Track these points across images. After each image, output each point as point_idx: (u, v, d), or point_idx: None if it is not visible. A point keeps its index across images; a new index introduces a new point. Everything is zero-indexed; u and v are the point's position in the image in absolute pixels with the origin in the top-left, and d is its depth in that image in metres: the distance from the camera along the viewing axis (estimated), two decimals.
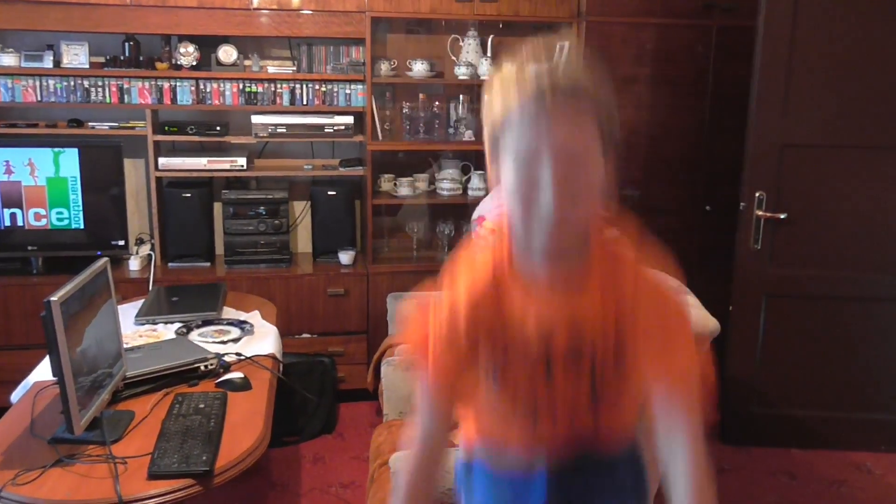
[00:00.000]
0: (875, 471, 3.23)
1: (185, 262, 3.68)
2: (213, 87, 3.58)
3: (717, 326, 2.03)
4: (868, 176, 3.19)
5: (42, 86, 3.48)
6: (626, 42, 3.55)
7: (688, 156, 3.69)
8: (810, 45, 3.08)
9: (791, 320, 3.30)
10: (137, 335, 2.70)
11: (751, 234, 3.21)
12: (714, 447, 3.39)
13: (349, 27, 3.52)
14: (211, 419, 2.07)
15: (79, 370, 1.89)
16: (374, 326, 3.65)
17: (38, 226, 3.49)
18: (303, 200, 3.96)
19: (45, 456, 1.89)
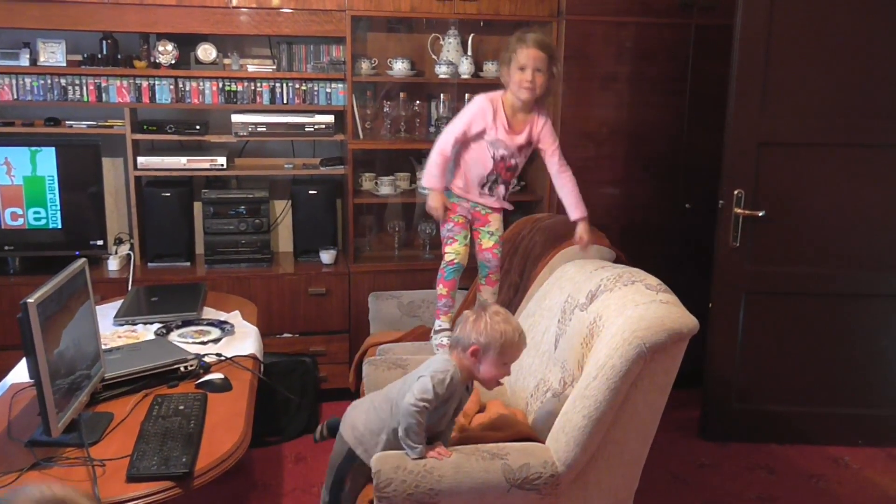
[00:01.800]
0: (853, 465, 3.26)
1: (165, 262, 3.65)
2: (193, 85, 3.56)
3: (697, 324, 2.05)
4: (845, 173, 3.22)
5: (18, 84, 3.45)
6: (605, 40, 3.57)
7: (667, 153, 3.71)
8: (787, 43, 3.11)
9: (770, 317, 3.33)
10: (116, 336, 2.68)
11: (730, 231, 3.23)
12: (694, 443, 3.42)
13: (329, 25, 3.51)
14: (191, 420, 2.05)
15: (56, 372, 1.87)
16: (356, 326, 3.64)
17: (14, 225, 3.45)
18: (283, 200, 3.94)
19: (22, 458, 1.87)
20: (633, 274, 2.29)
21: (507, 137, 2.76)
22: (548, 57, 2.70)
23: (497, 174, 2.81)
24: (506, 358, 2.04)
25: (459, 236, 2.87)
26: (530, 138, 2.79)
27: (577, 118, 3.62)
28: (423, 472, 1.95)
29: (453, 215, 2.86)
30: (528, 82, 2.68)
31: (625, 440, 2.08)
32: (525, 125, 2.77)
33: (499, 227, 2.90)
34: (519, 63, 2.68)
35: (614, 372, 1.97)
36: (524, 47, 2.68)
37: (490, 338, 2.00)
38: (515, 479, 1.98)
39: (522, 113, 2.77)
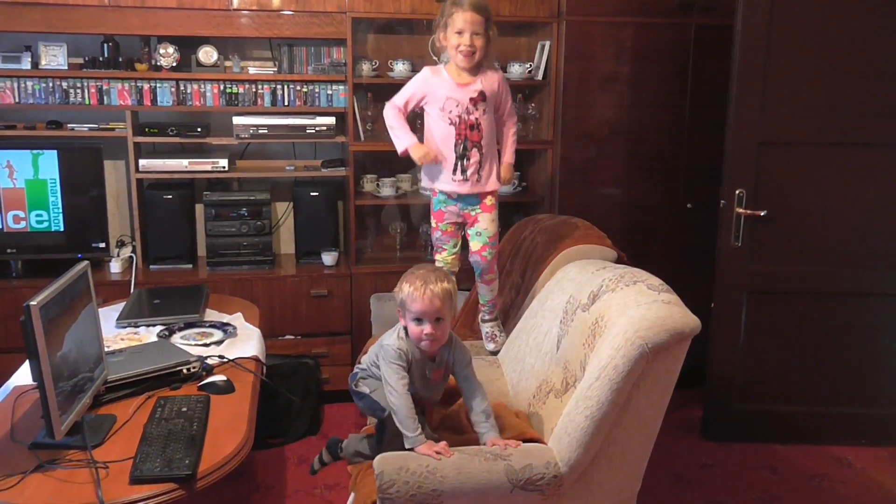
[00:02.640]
0: (856, 465, 3.26)
1: (167, 265, 3.66)
2: (194, 88, 3.56)
3: (699, 324, 2.05)
4: (846, 172, 3.22)
5: (20, 87, 3.45)
6: (605, 41, 3.57)
7: (668, 154, 3.71)
8: (788, 42, 3.11)
9: (772, 317, 3.33)
10: (119, 338, 2.68)
11: (731, 231, 3.23)
12: (696, 443, 3.41)
13: (330, 28, 3.51)
14: (194, 422, 2.06)
15: (59, 375, 1.87)
16: (358, 327, 3.64)
17: (17, 228, 3.45)
18: (285, 201, 3.95)
19: (26, 461, 1.87)
20: (635, 274, 2.29)
21: (456, 91, 2.69)
22: (485, 19, 2.65)
23: (465, 139, 2.72)
24: (410, 314, 2.10)
25: (448, 245, 2.86)
26: (483, 88, 2.71)
27: (577, 119, 3.62)
28: (426, 473, 1.95)
29: (441, 223, 2.84)
30: (467, 46, 2.63)
31: (627, 440, 2.08)
32: (475, 80, 2.71)
33: (487, 228, 2.81)
34: (456, 27, 2.63)
35: (616, 372, 1.97)
36: (460, 10, 2.62)
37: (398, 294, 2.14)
38: (518, 480, 1.98)
39: (467, 74, 2.72)
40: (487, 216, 2.81)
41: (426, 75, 2.75)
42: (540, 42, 3.74)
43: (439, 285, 2.09)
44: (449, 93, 2.70)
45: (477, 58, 2.67)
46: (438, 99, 2.71)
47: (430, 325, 2.09)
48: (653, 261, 2.77)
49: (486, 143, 2.74)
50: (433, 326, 2.09)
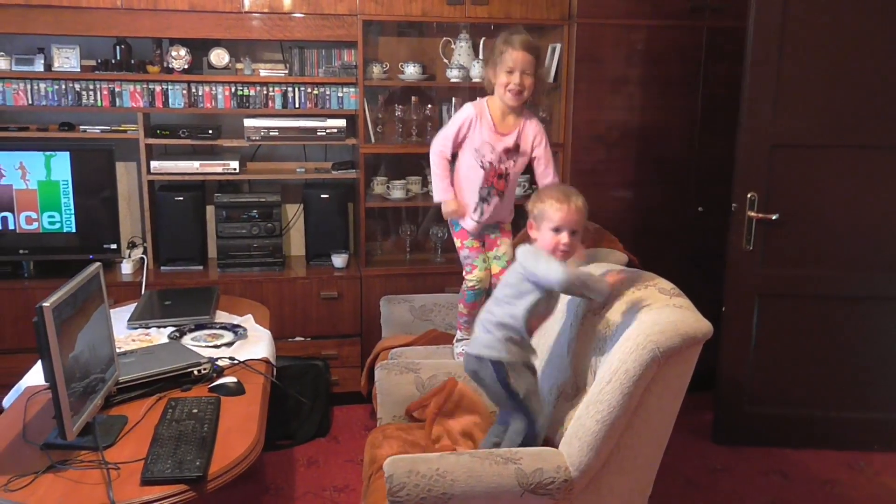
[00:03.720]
0: (868, 470, 3.24)
1: (178, 266, 3.67)
2: (205, 90, 3.58)
3: (710, 329, 2.03)
4: (859, 175, 3.20)
5: (33, 89, 3.47)
6: (616, 43, 3.56)
7: (679, 156, 3.70)
8: (800, 45, 3.09)
9: (784, 320, 3.31)
10: (130, 339, 2.69)
11: (743, 234, 3.22)
12: (707, 447, 3.40)
13: (341, 30, 3.52)
14: (204, 424, 2.06)
15: (71, 375, 1.88)
16: (368, 329, 3.64)
17: (29, 229, 3.47)
18: (295, 203, 3.96)
19: (38, 461, 1.88)
20: (647, 278, 2.28)
21: (494, 138, 2.73)
22: (535, 59, 2.68)
23: (490, 185, 2.79)
24: (550, 223, 2.14)
25: (478, 261, 2.87)
26: (519, 141, 2.76)
27: (588, 121, 3.61)
28: (436, 476, 1.95)
29: (466, 241, 2.86)
30: (517, 86, 2.66)
31: (638, 445, 2.07)
32: (514, 128, 2.75)
33: (507, 252, 2.88)
34: (506, 66, 2.65)
35: (628, 376, 1.96)
36: (511, 49, 2.64)
37: (535, 206, 2.18)
38: (528, 484, 1.97)
39: (511, 116, 2.75)
40: (507, 241, 2.91)
41: (470, 114, 2.76)
42: (551, 45, 3.74)
43: (580, 200, 2.18)
44: (487, 137, 2.74)
45: (525, 97, 2.70)
46: (475, 140, 2.75)
47: (567, 235, 2.14)
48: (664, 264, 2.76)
49: (508, 191, 2.85)
50: (570, 237, 2.15)
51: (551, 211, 2.16)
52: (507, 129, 2.75)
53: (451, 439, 2.40)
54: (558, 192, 2.20)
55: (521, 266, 2.17)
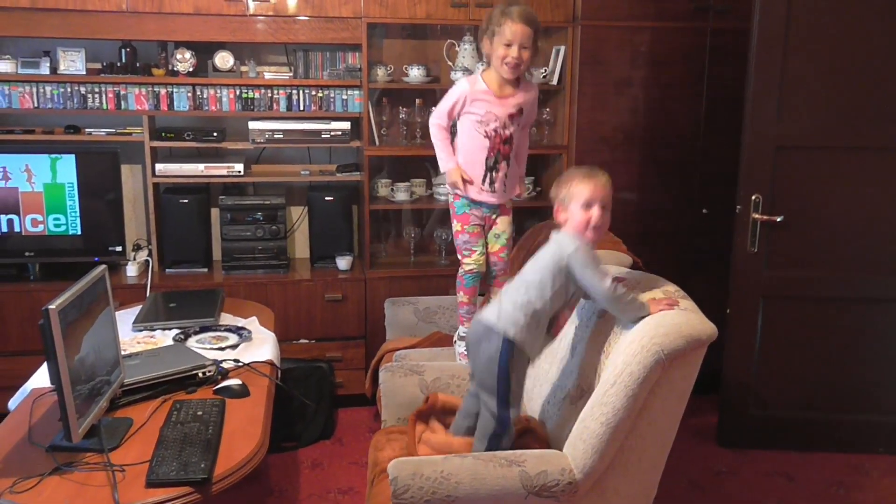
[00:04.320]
0: (873, 473, 3.23)
1: (183, 269, 3.68)
2: (210, 93, 3.59)
3: (715, 331, 2.03)
4: (863, 177, 3.20)
5: (39, 92, 3.48)
6: (620, 45, 3.56)
7: (684, 158, 3.70)
8: (805, 46, 3.09)
9: (788, 323, 3.31)
10: (135, 342, 2.70)
11: (747, 237, 3.21)
12: (712, 450, 3.39)
13: (345, 33, 3.52)
14: (209, 426, 2.06)
15: (77, 378, 1.89)
16: (372, 332, 3.65)
17: (35, 232, 3.48)
18: (300, 206, 3.96)
19: (43, 463, 1.89)
20: (651, 280, 2.28)
21: (496, 106, 2.69)
22: (533, 32, 2.62)
23: (497, 152, 2.74)
24: (579, 200, 2.13)
25: (477, 246, 2.86)
26: (521, 106, 2.72)
27: (592, 123, 3.62)
28: (440, 479, 1.95)
29: (467, 226, 2.85)
30: (515, 58, 2.61)
31: (643, 447, 2.06)
32: (515, 93, 2.71)
33: (505, 230, 2.87)
34: (505, 38, 2.59)
35: (632, 379, 1.96)
36: (510, 21, 2.58)
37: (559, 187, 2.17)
38: (533, 487, 1.97)
39: (509, 85, 2.71)
40: (506, 218, 2.87)
41: (465, 87, 2.72)
42: (555, 46, 3.74)
43: (605, 175, 2.17)
44: (489, 107, 2.70)
45: (522, 69, 2.66)
46: (477, 111, 2.71)
47: (598, 209, 2.12)
48: (668, 266, 2.77)
49: (514, 154, 2.79)
50: (601, 212, 2.12)
51: (579, 188, 2.13)
52: (509, 94, 2.71)
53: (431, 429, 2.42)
54: (582, 171, 2.18)
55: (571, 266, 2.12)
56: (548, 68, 3.76)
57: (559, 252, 2.14)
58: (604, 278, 2.08)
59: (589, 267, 2.09)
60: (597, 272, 2.09)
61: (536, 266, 2.20)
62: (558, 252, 2.15)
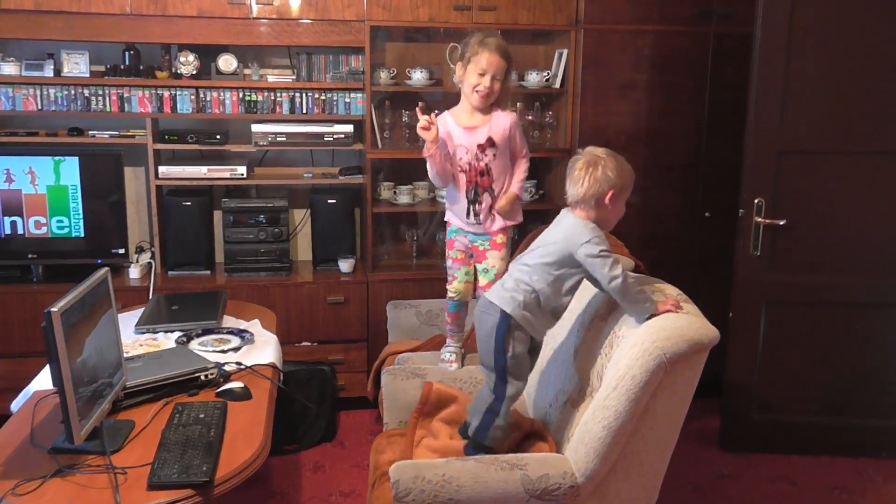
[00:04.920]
0: (876, 478, 3.22)
1: (185, 271, 3.68)
2: (213, 95, 3.59)
3: (717, 335, 2.03)
4: (866, 181, 3.19)
5: (43, 94, 3.49)
6: (623, 49, 3.57)
7: (686, 162, 3.69)
8: (808, 50, 3.09)
9: (791, 327, 3.30)
10: (137, 344, 2.70)
11: (750, 240, 3.21)
12: (714, 454, 3.39)
13: (348, 36, 3.53)
14: (211, 429, 2.06)
15: (79, 380, 1.89)
16: (374, 334, 3.65)
17: (38, 234, 3.49)
18: (302, 209, 3.97)
19: (45, 466, 1.89)
20: (653, 284, 2.28)
21: (465, 137, 2.73)
22: (507, 65, 2.68)
23: (475, 185, 2.77)
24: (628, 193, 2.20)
25: (459, 273, 2.88)
26: (491, 135, 2.73)
27: (594, 126, 3.61)
28: (442, 482, 1.95)
29: (450, 251, 2.87)
30: (486, 88, 2.66)
31: (645, 451, 2.06)
32: (483, 122, 2.74)
33: (495, 265, 2.84)
34: (479, 68, 2.66)
35: (634, 382, 1.96)
36: (487, 52, 2.64)
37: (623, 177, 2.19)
38: (534, 490, 1.97)
39: (478, 113, 2.74)
40: (497, 254, 2.85)
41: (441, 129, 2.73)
42: (557, 50, 3.74)
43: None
44: (458, 140, 2.74)
45: (490, 100, 2.71)
46: (450, 146, 2.75)
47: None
48: (670, 270, 2.76)
49: (497, 186, 2.79)
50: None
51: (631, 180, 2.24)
52: (477, 126, 2.74)
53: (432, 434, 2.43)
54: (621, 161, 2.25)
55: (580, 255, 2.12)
56: (550, 71, 3.76)
57: (569, 239, 2.15)
58: (613, 267, 2.09)
59: (599, 256, 2.10)
60: (606, 262, 2.10)
61: (544, 249, 2.21)
62: (569, 239, 2.15)
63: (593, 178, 2.15)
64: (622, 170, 2.20)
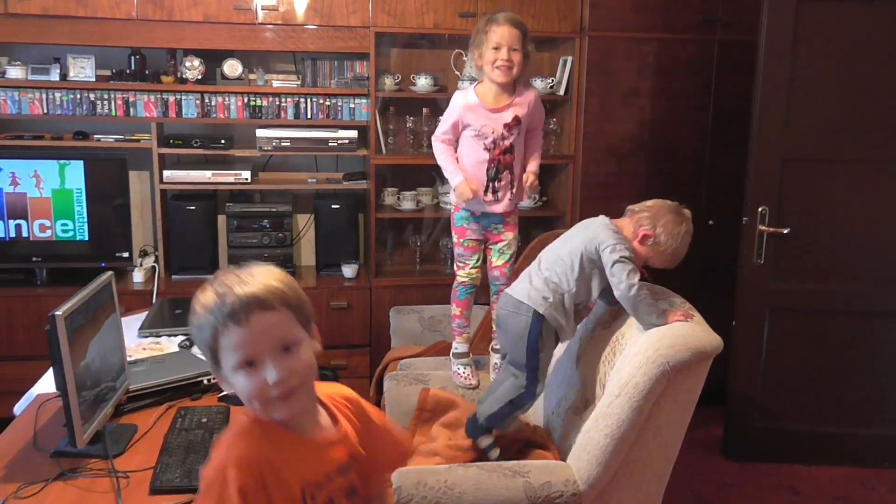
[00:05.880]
0: (879, 487, 3.21)
1: (189, 275, 3.68)
2: (218, 100, 3.60)
3: (720, 343, 2.03)
4: (870, 190, 3.19)
5: (48, 98, 3.51)
6: (628, 56, 3.57)
7: (690, 170, 3.69)
8: (812, 59, 3.09)
9: (794, 335, 3.29)
10: (141, 348, 2.70)
11: (753, 248, 3.21)
12: (717, 462, 3.38)
13: (353, 42, 3.54)
14: (213, 433, 2.06)
15: (82, 384, 1.89)
16: (377, 340, 3.65)
17: (42, 237, 3.50)
18: (306, 214, 3.97)
19: (48, 469, 1.88)
20: (657, 291, 2.27)
21: (490, 118, 2.67)
22: (522, 34, 2.61)
23: (498, 163, 2.72)
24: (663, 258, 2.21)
25: (471, 259, 2.85)
26: (517, 115, 2.69)
27: (598, 134, 3.62)
28: (444, 489, 1.95)
29: (462, 239, 2.84)
30: (505, 61, 2.58)
31: (647, 459, 2.06)
32: (509, 102, 2.68)
33: (510, 244, 2.83)
34: (492, 43, 2.58)
35: (637, 390, 1.96)
36: (496, 26, 2.57)
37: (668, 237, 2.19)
38: (537, 498, 1.97)
39: (504, 94, 2.68)
40: (511, 234, 2.83)
41: (458, 102, 2.71)
42: (562, 57, 3.75)
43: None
44: (484, 120, 2.68)
45: (515, 73, 2.63)
46: (474, 126, 2.70)
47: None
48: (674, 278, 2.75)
49: (517, 163, 2.76)
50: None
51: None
52: (502, 105, 2.68)
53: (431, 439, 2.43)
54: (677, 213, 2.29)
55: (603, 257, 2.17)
56: (555, 79, 3.77)
57: (593, 241, 2.19)
58: (632, 276, 2.11)
59: (620, 261, 2.13)
60: (625, 269, 2.12)
61: (566, 249, 2.24)
62: (593, 241, 2.19)
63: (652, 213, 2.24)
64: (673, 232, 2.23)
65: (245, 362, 1.21)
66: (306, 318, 1.28)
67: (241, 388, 1.23)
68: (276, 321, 1.21)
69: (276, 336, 1.21)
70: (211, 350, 1.24)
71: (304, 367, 1.25)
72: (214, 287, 1.24)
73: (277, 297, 1.22)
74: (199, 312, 1.23)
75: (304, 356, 1.25)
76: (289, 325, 1.23)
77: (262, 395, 1.22)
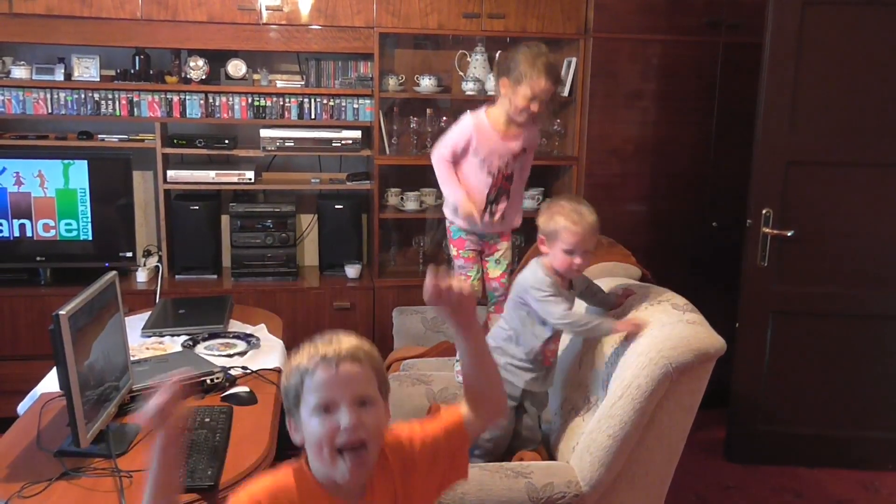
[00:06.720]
0: (883, 490, 3.20)
1: (193, 275, 3.69)
2: (222, 100, 3.61)
3: (724, 345, 2.03)
4: (875, 193, 3.18)
5: (53, 98, 3.51)
6: (632, 58, 3.57)
7: (694, 172, 3.69)
8: (817, 61, 3.08)
9: (798, 338, 3.29)
10: (144, 348, 2.70)
11: (757, 251, 3.20)
12: (720, 465, 3.37)
13: (357, 42, 3.54)
14: (216, 433, 2.07)
15: (86, 383, 1.89)
16: (380, 340, 3.64)
17: (46, 237, 3.51)
18: (310, 214, 3.97)
19: (51, 468, 1.89)
20: (660, 293, 2.27)
21: (501, 146, 2.69)
22: (555, 88, 2.64)
23: (499, 187, 2.75)
24: (564, 245, 2.17)
25: (472, 272, 2.86)
26: (525, 145, 2.73)
27: (602, 135, 3.62)
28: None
29: (462, 251, 2.85)
30: (533, 114, 2.61)
31: (650, 461, 2.06)
32: (519, 132, 2.70)
33: (506, 254, 2.86)
34: (531, 92, 2.56)
35: (640, 392, 1.96)
36: (538, 76, 2.54)
37: (548, 225, 2.19)
38: (539, 499, 1.97)
39: (514, 126, 2.70)
40: (506, 244, 2.87)
41: (469, 126, 2.70)
42: (566, 58, 3.75)
43: (593, 216, 2.21)
44: (494, 146, 2.69)
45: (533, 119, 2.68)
46: (482, 150, 2.70)
47: (580, 257, 2.18)
48: (677, 279, 2.75)
49: (514, 189, 2.80)
50: (583, 258, 2.18)
51: (566, 234, 2.16)
52: (514, 135, 2.71)
53: None
54: (572, 210, 2.18)
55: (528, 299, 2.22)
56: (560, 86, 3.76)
57: (521, 284, 2.26)
58: (555, 306, 2.17)
59: (542, 299, 2.19)
60: (548, 301, 2.18)
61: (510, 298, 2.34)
62: (521, 284, 2.27)
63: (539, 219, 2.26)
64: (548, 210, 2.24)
65: (323, 405, 1.29)
66: (385, 387, 1.37)
67: (314, 430, 1.30)
68: (360, 374, 1.30)
69: (357, 388, 1.30)
70: (295, 391, 1.33)
71: (376, 425, 1.31)
72: (310, 342, 1.37)
73: (366, 355, 1.34)
74: (291, 363, 1.36)
75: (377, 417, 1.31)
76: (370, 383, 1.32)
77: (331, 441, 1.28)
